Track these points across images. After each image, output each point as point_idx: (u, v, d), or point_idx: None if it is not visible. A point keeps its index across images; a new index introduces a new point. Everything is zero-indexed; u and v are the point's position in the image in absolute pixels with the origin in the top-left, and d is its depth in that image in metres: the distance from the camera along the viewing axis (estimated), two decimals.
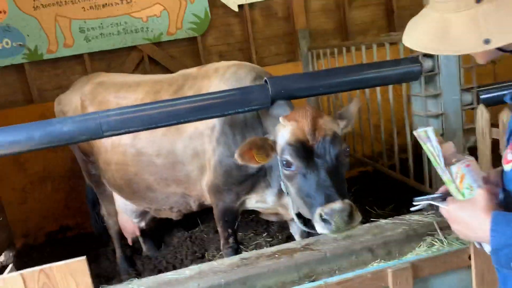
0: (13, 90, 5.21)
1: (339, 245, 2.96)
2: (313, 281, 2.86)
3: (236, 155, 2.35)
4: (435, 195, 1.53)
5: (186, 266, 4.11)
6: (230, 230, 3.13)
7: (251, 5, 5.56)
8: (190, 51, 5.54)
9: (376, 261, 2.94)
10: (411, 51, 3.30)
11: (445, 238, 2.99)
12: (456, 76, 2.97)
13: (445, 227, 3.06)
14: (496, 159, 2.98)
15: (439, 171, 1.46)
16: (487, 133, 2.91)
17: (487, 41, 1.19)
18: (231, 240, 3.18)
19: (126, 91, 3.44)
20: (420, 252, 2.94)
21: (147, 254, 4.40)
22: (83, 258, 1.88)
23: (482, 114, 2.92)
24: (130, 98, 3.37)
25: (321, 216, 2.17)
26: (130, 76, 3.80)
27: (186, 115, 2.63)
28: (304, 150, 2.30)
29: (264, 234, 4.36)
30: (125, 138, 3.21)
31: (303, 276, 2.88)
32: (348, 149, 2.42)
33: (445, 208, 1.44)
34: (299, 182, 2.33)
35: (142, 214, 3.97)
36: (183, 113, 2.63)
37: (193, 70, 3.35)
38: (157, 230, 4.61)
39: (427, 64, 2.96)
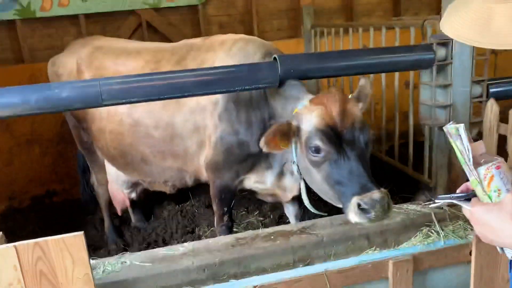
0: (3, 47, 4.98)
1: (336, 230, 2.93)
2: (307, 264, 2.85)
3: (261, 144, 2.29)
4: (458, 195, 1.48)
5: (176, 240, 4.09)
6: (225, 208, 3.08)
7: None
8: (190, 19, 5.36)
9: (372, 248, 2.93)
10: (423, 37, 3.21)
11: (441, 230, 2.98)
12: (469, 67, 2.91)
13: (442, 219, 3.06)
14: (502, 155, 2.95)
15: (466, 171, 1.41)
16: (495, 127, 2.86)
17: None
18: (225, 218, 3.13)
19: (126, 58, 3.29)
20: (416, 242, 2.93)
21: (136, 225, 4.34)
22: (81, 233, 1.81)
23: (492, 108, 2.87)
24: (130, 65, 3.22)
25: (359, 205, 2.12)
26: (130, 43, 3.64)
27: (191, 88, 2.52)
28: (334, 136, 2.24)
29: (256, 213, 4.32)
30: (122, 107, 3.09)
31: (298, 259, 2.85)
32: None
33: (469, 209, 1.39)
34: (328, 169, 2.27)
35: (134, 185, 3.87)
36: (188, 86, 2.52)
37: (197, 41, 3.21)
38: (147, 201, 4.53)
39: (441, 53, 2.89)
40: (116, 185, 3.89)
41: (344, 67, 2.66)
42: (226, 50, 2.90)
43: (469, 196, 1.43)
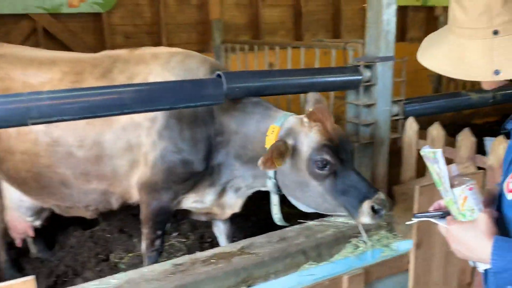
0: None
1: (275, 248, 2.93)
2: (249, 286, 2.79)
3: (259, 163, 2.31)
4: (434, 213, 1.56)
5: (90, 269, 3.69)
6: (159, 232, 2.88)
7: None
8: (93, 28, 4.98)
9: (308, 263, 2.99)
10: (345, 59, 3.42)
11: (368, 240, 3.17)
12: (390, 88, 3.15)
13: (368, 230, 3.25)
14: (421, 169, 3.25)
15: (442, 192, 1.48)
16: (414, 143, 3.15)
17: (497, 72, 1.22)
18: (157, 242, 2.93)
19: (38, 68, 2.89)
20: (346, 253, 3.07)
21: (37, 256, 3.82)
22: (31, 278, 1.52)
23: (411, 126, 3.15)
24: (43, 77, 2.85)
25: (372, 207, 2.36)
26: (39, 51, 3.21)
27: (132, 105, 2.32)
28: (337, 150, 2.41)
29: (175, 234, 4.11)
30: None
31: (240, 281, 2.78)
32: None
33: (445, 227, 1.47)
34: (333, 180, 2.43)
35: (39, 212, 3.41)
36: (129, 102, 2.31)
37: (122, 52, 2.97)
38: (49, 229, 4.02)
39: (366, 74, 3.08)
40: (17, 212, 3.38)
41: (286, 85, 2.69)
42: (163, 64, 2.74)
43: (444, 214, 1.51)
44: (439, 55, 1.36)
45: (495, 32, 1.23)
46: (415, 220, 1.63)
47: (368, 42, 3.09)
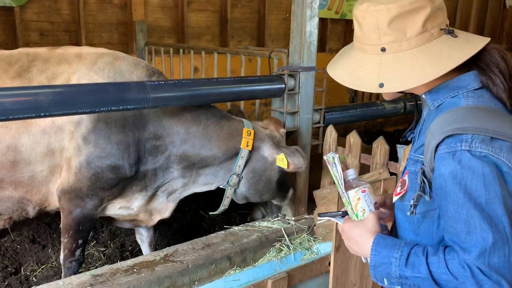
0: None
1: (200, 255, 2.92)
2: None
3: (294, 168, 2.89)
4: (335, 212, 1.67)
5: None
6: (80, 241, 2.74)
7: None
8: (3, 22, 4.60)
9: (233, 268, 3.01)
10: (270, 67, 3.50)
11: (291, 243, 3.26)
12: (311, 97, 3.28)
13: (291, 233, 3.35)
14: None
15: (340, 193, 1.59)
16: (334, 150, 3.30)
17: (381, 85, 1.36)
18: (78, 252, 2.79)
19: None
20: (270, 258, 3.14)
21: None
22: None
23: (331, 133, 3.30)
24: None
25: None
26: None
27: (50, 108, 2.18)
28: None
29: (94, 243, 3.92)
30: None
31: None
32: None
33: (341, 225, 1.59)
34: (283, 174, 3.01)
35: None
36: (46, 105, 2.17)
37: (41, 51, 2.79)
38: None
39: (290, 83, 3.18)
40: None
41: (217, 93, 2.70)
42: (89, 65, 2.61)
43: (344, 214, 1.62)
44: (341, 66, 1.48)
45: (383, 49, 1.36)
46: (321, 219, 1.72)
47: (292, 52, 3.19)
